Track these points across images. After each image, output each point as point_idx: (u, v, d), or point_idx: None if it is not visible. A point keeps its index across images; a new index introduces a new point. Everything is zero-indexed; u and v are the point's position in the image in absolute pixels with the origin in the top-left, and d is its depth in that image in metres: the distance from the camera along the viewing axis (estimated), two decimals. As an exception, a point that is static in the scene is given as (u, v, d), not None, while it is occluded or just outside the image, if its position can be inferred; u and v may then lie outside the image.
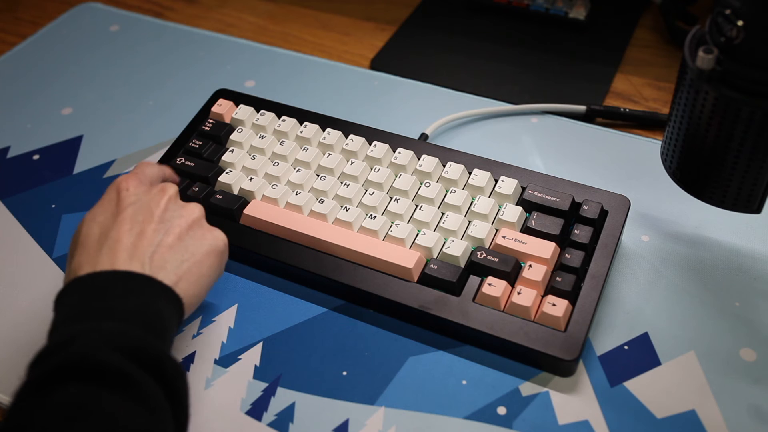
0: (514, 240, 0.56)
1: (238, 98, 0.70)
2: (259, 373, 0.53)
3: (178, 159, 0.65)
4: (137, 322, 0.43)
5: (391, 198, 0.60)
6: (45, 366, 0.40)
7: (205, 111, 0.70)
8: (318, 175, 0.62)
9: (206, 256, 0.50)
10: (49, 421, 0.38)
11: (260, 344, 0.55)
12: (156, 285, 0.46)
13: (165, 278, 0.47)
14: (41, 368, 0.40)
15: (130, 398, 0.39)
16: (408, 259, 0.55)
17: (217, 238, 0.51)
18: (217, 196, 0.61)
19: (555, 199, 0.58)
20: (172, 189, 0.52)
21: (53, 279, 0.60)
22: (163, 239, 0.48)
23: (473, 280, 0.54)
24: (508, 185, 0.59)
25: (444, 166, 0.62)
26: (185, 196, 0.62)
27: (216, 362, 0.54)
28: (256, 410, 0.51)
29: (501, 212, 0.58)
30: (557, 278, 0.53)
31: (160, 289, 0.46)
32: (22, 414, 0.39)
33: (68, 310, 0.44)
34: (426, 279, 0.55)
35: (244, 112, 0.68)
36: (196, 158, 0.65)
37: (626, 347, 0.53)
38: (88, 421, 0.38)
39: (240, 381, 0.52)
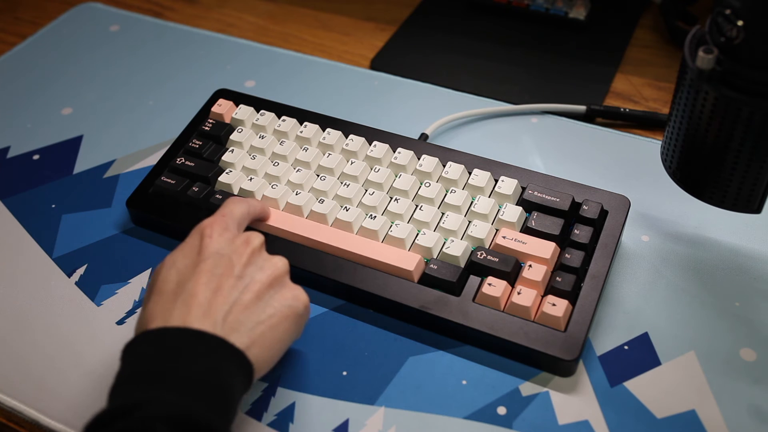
0: (514, 240, 0.56)
1: (238, 98, 0.70)
2: (259, 373, 0.53)
3: (178, 159, 0.65)
4: (202, 393, 0.41)
5: (391, 198, 0.60)
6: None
7: (205, 111, 0.70)
8: (318, 175, 0.62)
9: (283, 320, 0.47)
10: None
11: (260, 344, 0.55)
12: (227, 348, 0.43)
13: (237, 341, 0.44)
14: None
15: None
16: (408, 260, 0.55)
17: (297, 299, 0.48)
18: (217, 196, 0.61)
19: (555, 199, 0.58)
20: (257, 240, 0.49)
21: (53, 279, 0.60)
22: (240, 297, 0.46)
23: (473, 280, 0.54)
24: (508, 185, 0.59)
25: (444, 166, 0.62)
26: (185, 196, 0.62)
27: (216, 362, 0.54)
28: (256, 410, 0.51)
29: (501, 212, 0.58)
30: (557, 278, 0.53)
31: (231, 352, 0.43)
32: None
33: (134, 367, 0.42)
34: (426, 279, 0.55)
35: (244, 112, 0.68)
36: (196, 158, 0.65)
37: (626, 347, 0.53)
38: None
39: (240, 381, 0.52)
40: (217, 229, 0.49)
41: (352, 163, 0.63)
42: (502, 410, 0.50)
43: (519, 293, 0.53)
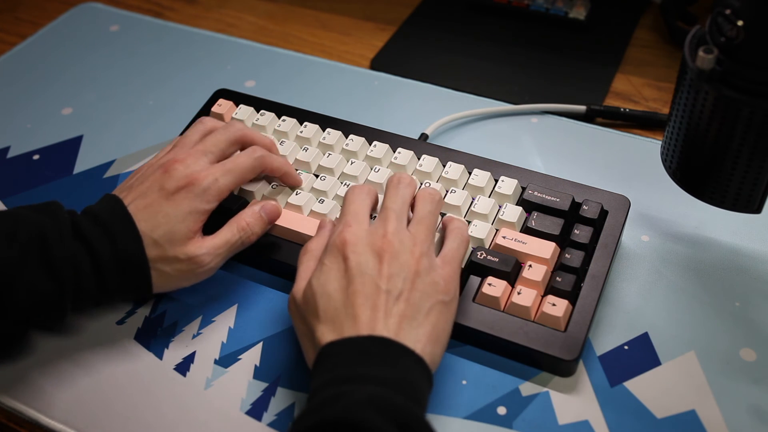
0: (514, 240, 0.56)
1: (238, 98, 0.70)
2: (259, 373, 0.53)
3: (178, 159, 0.65)
4: (401, 389, 0.43)
5: (391, 198, 0.60)
6: (311, 420, 0.41)
7: (205, 111, 0.70)
8: (318, 175, 0.62)
9: (438, 313, 0.47)
10: None
11: (260, 344, 0.55)
12: (410, 354, 0.45)
13: (411, 346, 0.45)
14: (307, 422, 0.41)
15: None
16: (408, 259, 0.55)
17: (437, 288, 0.48)
18: (217, 196, 0.61)
19: (555, 199, 0.58)
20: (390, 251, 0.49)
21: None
22: (394, 308, 0.46)
23: (473, 280, 0.54)
24: (508, 185, 0.59)
25: (444, 166, 0.62)
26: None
27: (216, 362, 0.54)
28: (256, 410, 0.51)
29: (501, 212, 0.58)
30: (557, 278, 0.53)
31: (414, 359, 0.45)
32: None
33: (328, 374, 0.44)
34: (426, 279, 0.54)
35: (244, 112, 0.68)
36: (196, 158, 0.65)
37: (626, 347, 0.53)
38: None
39: (240, 381, 0.52)
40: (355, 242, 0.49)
41: (352, 163, 0.63)
42: (502, 410, 0.50)
43: (519, 293, 0.53)
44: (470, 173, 0.61)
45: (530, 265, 0.54)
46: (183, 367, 0.53)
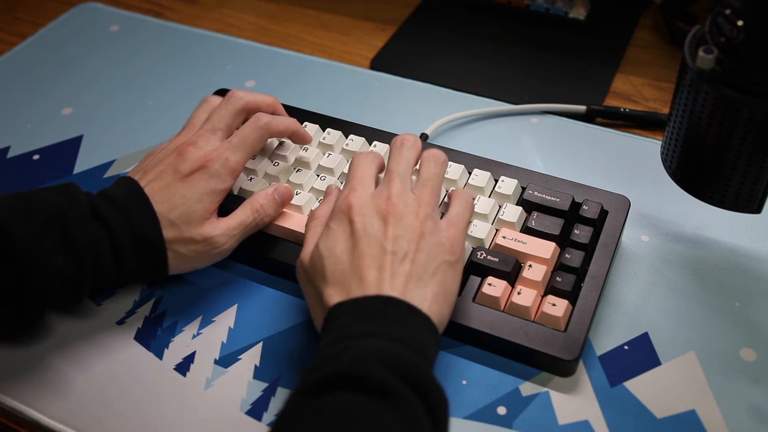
0: (514, 240, 0.56)
1: (238, 98, 0.70)
2: (259, 373, 0.53)
3: (178, 159, 0.65)
4: (407, 345, 0.43)
5: (391, 198, 0.60)
6: (316, 374, 0.41)
7: (205, 111, 0.69)
8: (318, 175, 0.62)
9: (444, 273, 0.48)
10: (318, 421, 0.39)
11: (260, 344, 0.55)
12: (416, 312, 0.45)
13: (418, 304, 0.46)
14: (313, 376, 0.41)
15: (394, 409, 0.40)
16: (408, 259, 0.55)
17: (444, 249, 0.49)
18: (217, 196, 0.61)
19: (555, 199, 0.58)
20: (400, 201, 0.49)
21: (53, 279, 0.60)
22: (400, 268, 0.47)
23: (473, 280, 0.54)
24: (508, 185, 0.59)
25: (444, 166, 0.62)
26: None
27: (216, 362, 0.54)
28: (256, 410, 0.51)
29: (501, 212, 0.58)
30: (557, 278, 0.53)
31: (422, 318, 0.46)
32: (294, 414, 0.41)
33: (334, 334, 0.44)
34: (426, 279, 0.54)
35: (244, 112, 0.68)
36: (196, 158, 0.65)
37: (626, 347, 0.53)
38: (353, 424, 0.39)
39: (240, 381, 0.52)
40: (360, 207, 0.49)
41: (352, 163, 0.63)
42: (502, 410, 0.50)
43: (519, 293, 0.53)
44: (470, 173, 0.61)
45: (530, 265, 0.54)
46: (183, 367, 0.53)
